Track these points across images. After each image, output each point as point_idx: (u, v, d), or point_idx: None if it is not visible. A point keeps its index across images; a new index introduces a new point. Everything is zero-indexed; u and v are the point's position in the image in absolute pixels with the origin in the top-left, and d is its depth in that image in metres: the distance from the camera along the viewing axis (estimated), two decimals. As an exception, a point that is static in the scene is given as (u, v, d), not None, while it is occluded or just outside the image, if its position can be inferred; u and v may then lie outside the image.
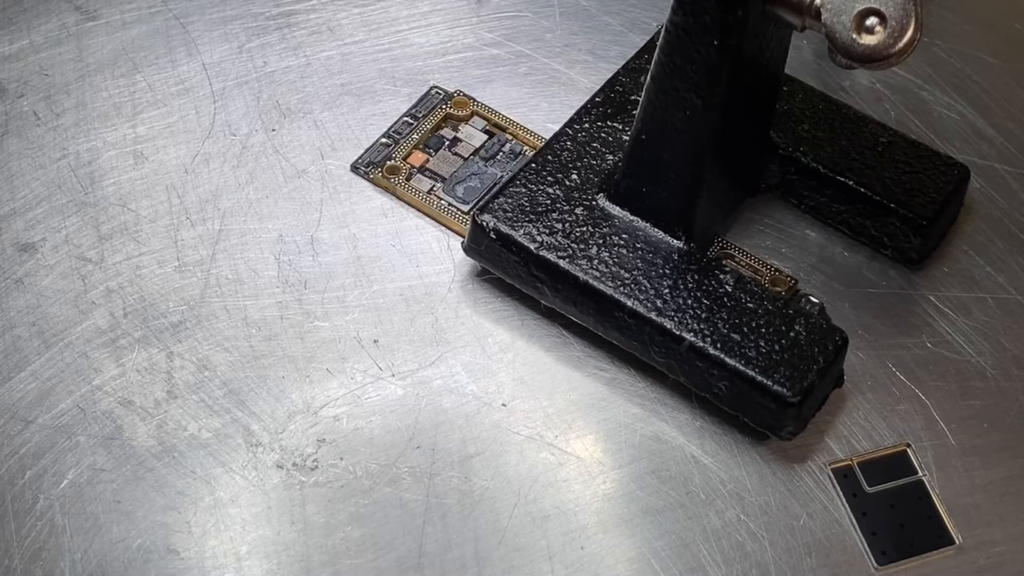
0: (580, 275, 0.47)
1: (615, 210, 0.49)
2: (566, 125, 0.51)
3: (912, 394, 0.47)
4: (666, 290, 0.47)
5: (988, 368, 0.48)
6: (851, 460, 0.46)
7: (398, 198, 0.52)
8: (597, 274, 0.47)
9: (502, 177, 0.52)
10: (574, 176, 0.49)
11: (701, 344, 0.45)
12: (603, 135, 0.50)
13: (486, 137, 0.53)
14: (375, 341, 0.48)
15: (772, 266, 0.50)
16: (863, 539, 0.45)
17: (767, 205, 0.52)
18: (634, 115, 0.47)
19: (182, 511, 0.45)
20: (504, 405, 0.47)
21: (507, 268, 0.48)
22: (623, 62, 0.53)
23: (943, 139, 0.54)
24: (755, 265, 0.50)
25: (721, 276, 0.47)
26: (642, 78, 0.50)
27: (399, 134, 0.53)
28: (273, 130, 0.54)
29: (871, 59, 0.41)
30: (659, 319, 0.46)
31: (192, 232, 0.51)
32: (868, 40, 0.41)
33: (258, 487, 0.45)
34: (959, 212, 0.51)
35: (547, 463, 0.46)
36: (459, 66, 0.56)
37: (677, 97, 0.45)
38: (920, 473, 0.46)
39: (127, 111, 0.54)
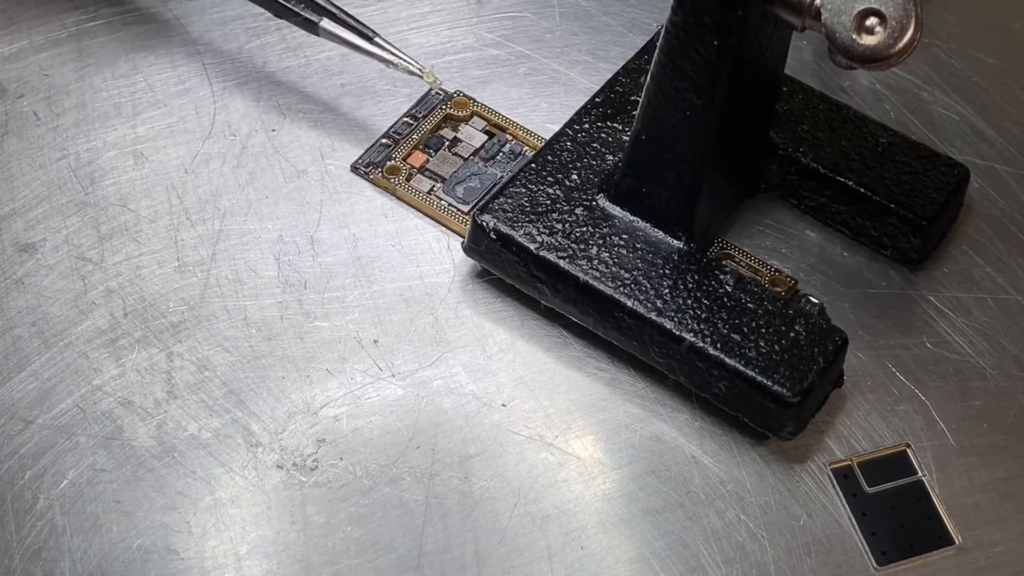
0: (580, 275, 0.47)
1: (615, 210, 0.49)
2: (566, 125, 0.51)
3: (912, 394, 0.47)
4: (666, 290, 0.47)
5: (988, 368, 0.48)
6: (851, 460, 0.46)
7: (398, 198, 0.52)
8: (597, 274, 0.47)
9: (502, 177, 0.52)
10: (574, 176, 0.49)
11: (701, 344, 0.45)
12: (603, 135, 0.50)
13: (486, 137, 0.53)
14: (375, 341, 0.48)
15: (772, 266, 0.50)
16: (863, 539, 0.45)
17: (767, 205, 0.52)
18: (634, 115, 0.47)
19: (182, 511, 0.45)
20: (504, 405, 0.47)
21: (507, 268, 0.48)
22: (623, 63, 0.53)
23: (943, 139, 0.54)
24: (755, 265, 0.50)
25: (721, 276, 0.47)
26: (642, 78, 0.50)
27: (399, 134, 0.53)
28: (273, 130, 0.54)
29: (871, 59, 0.41)
30: (659, 319, 0.46)
31: (192, 232, 0.51)
32: (868, 40, 0.41)
33: (258, 487, 0.45)
34: (959, 212, 0.51)
35: (547, 463, 0.46)
36: (459, 66, 0.56)
37: (677, 97, 0.45)
38: (920, 473, 0.46)
39: (127, 111, 0.54)
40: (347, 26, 0.52)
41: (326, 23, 0.51)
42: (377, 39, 0.51)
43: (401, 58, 0.51)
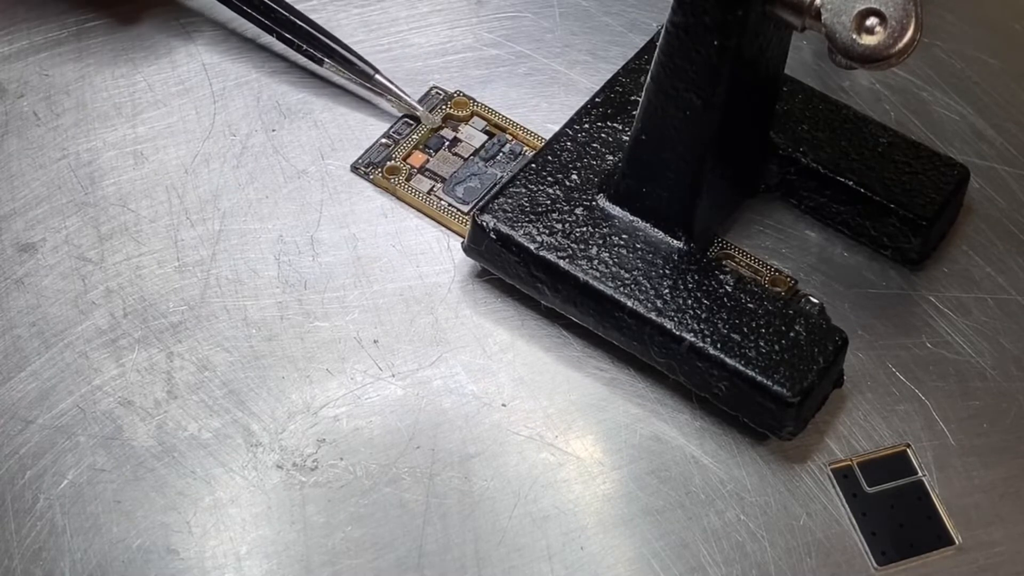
0: (580, 275, 0.47)
1: (615, 210, 0.49)
2: (566, 125, 0.51)
3: (912, 394, 0.47)
4: (666, 290, 0.47)
5: (988, 368, 0.48)
6: (851, 460, 0.46)
7: (398, 198, 0.52)
8: (597, 274, 0.47)
9: (502, 177, 0.52)
10: (574, 176, 0.49)
11: (701, 344, 0.45)
12: (603, 135, 0.50)
13: (486, 137, 0.53)
14: (375, 341, 0.48)
15: (772, 266, 0.50)
16: (863, 539, 0.45)
17: (767, 205, 0.52)
18: (634, 115, 0.47)
19: (182, 511, 0.45)
20: (504, 405, 0.47)
21: (507, 268, 0.48)
22: (623, 63, 0.53)
23: (943, 139, 0.54)
24: (755, 265, 0.50)
25: (721, 276, 0.47)
26: (642, 78, 0.50)
27: (399, 134, 0.53)
28: (273, 130, 0.54)
29: (871, 59, 0.41)
30: (659, 319, 0.46)
31: (192, 232, 0.51)
32: (868, 40, 0.41)
33: (258, 487, 0.45)
34: (959, 212, 0.51)
35: (547, 463, 0.46)
36: (459, 66, 0.56)
37: (677, 97, 0.45)
38: (920, 473, 0.46)
39: (127, 111, 0.54)
40: (350, 64, 0.54)
41: (330, 63, 0.54)
42: (378, 76, 0.53)
43: (400, 96, 0.53)
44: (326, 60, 0.53)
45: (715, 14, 0.43)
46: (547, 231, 0.48)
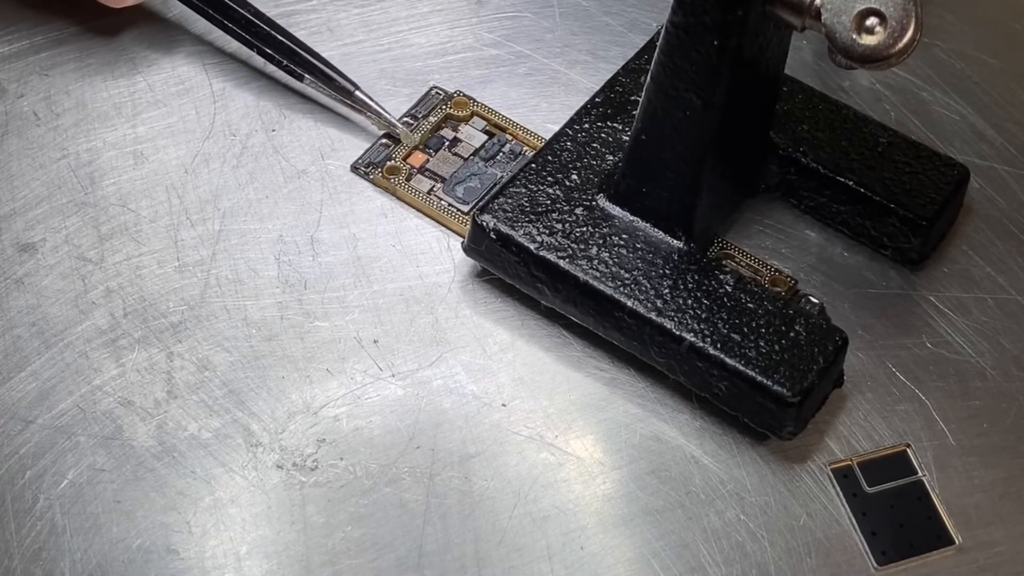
0: (580, 275, 0.47)
1: (615, 210, 0.49)
2: (566, 125, 0.51)
3: (912, 394, 0.47)
4: (666, 290, 0.47)
5: (988, 368, 0.48)
6: (851, 460, 0.46)
7: (398, 198, 0.52)
8: (597, 274, 0.47)
9: (502, 177, 0.52)
10: (574, 176, 0.49)
11: (701, 344, 0.45)
12: (603, 135, 0.50)
13: (486, 137, 0.53)
14: (375, 341, 0.48)
15: (772, 266, 0.50)
16: (863, 539, 0.45)
17: (767, 205, 0.52)
18: (634, 115, 0.47)
19: (182, 511, 0.45)
20: (504, 405, 0.47)
21: (507, 268, 0.48)
22: (623, 62, 0.53)
23: (943, 139, 0.54)
24: (755, 265, 0.50)
25: (721, 276, 0.47)
26: (642, 78, 0.50)
27: (399, 134, 0.53)
28: (273, 130, 0.54)
29: (871, 59, 0.41)
30: (659, 319, 0.46)
31: (192, 232, 0.51)
32: (868, 40, 0.41)
33: (258, 487, 0.45)
34: (959, 212, 0.51)
35: (547, 463, 0.46)
36: (459, 66, 0.56)
37: (677, 97, 0.45)
38: (920, 473, 0.46)
39: (127, 111, 0.54)
40: (330, 80, 0.53)
41: (310, 79, 0.54)
42: (358, 92, 0.53)
43: (380, 113, 0.53)
44: (306, 76, 0.53)
45: (715, 14, 0.43)
46: (547, 231, 0.48)
